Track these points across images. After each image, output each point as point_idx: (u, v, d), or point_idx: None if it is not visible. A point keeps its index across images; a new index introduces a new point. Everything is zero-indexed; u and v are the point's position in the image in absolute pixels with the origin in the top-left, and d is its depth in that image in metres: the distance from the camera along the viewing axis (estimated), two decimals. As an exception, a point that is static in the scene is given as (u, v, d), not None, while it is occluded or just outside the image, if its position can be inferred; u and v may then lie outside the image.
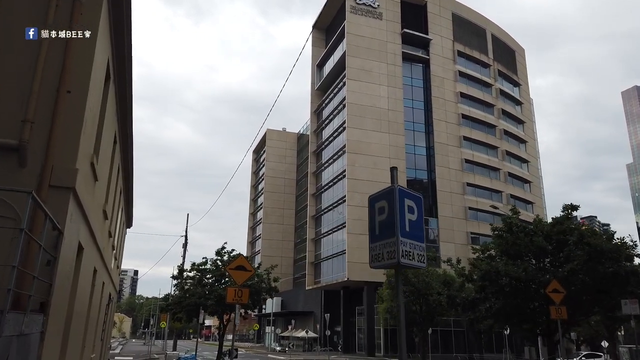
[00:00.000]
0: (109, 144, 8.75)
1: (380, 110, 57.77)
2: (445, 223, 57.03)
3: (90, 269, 8.48)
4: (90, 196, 6.87)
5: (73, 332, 7.05)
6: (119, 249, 17.43)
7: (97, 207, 8.13)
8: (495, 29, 72.00)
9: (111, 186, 10.26)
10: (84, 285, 7.78)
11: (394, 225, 3.93)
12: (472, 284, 18.62)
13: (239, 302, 10.02)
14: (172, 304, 25.69)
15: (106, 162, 8.70)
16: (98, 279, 10.22)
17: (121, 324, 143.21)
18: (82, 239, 6.71)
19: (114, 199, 11.80)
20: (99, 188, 8.03)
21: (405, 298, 27.87)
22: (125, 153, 12.18)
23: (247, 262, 10.57)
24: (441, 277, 28.26)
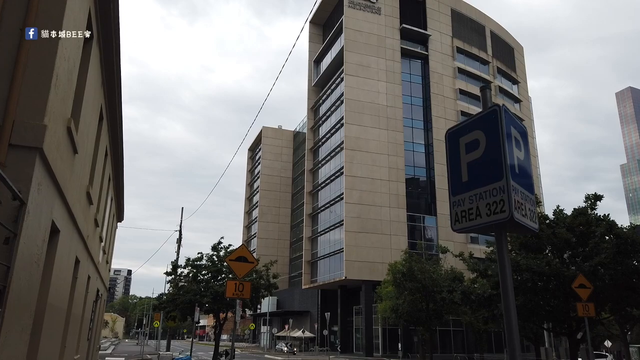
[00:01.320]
0: (92, 116, 7.71)
1: (378, 106, 56.84)
2: (445, 221, 56.10)
3: (71, 258, 7.43)
4: (67, 169, 5.84)
5: (47, 329, 6.00)
6: (109, 242, 16.34)
7: (79, 186, 7.08)
8: (494, 26, 71.29)
9: (97, 167, 9.20)
10: (62, 275, 6.73)
11: (498, 165, 2.74)
12: (487, 279, 17.61)
13: (240, 297, 9.02)
14: (165, 302, 24.45)
15: (89, 136, 7.66)
16: (82, 270, 9.16)
17: (114, 324, 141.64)
18: (58, 219, 5.67)
19: (101, 183, 10.74)
20: (81, 164, 6.99)
21: (410, 295, 26.88)
22: (114, 135, 11.13)
23: (249, 252, 9.55)
24: (450, 274, 27.16)
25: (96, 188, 9.62)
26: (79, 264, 8.62)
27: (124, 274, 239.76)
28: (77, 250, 7.92)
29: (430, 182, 58.60)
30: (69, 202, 6.16)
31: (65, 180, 5.75)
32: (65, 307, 7.54)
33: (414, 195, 57.49)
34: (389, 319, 43.91)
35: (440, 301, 26.32)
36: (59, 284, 6.44)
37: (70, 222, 6.67)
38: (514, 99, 71.42)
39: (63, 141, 5.36)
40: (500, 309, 16.01)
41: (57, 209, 5.58)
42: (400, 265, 30.63)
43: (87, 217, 8.74)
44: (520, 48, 76.44)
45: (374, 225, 52.70)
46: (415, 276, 26.68)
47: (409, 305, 27.41)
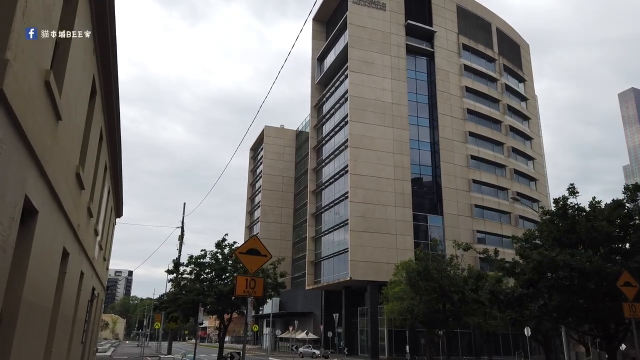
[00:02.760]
0: (82, 83, 6.63)
1: (383, 103, 55.78)
2: (451, 221, 55.07)
3: (55, 248, 6.34)
4: (46, 134, 4.77)
5: (23, 331, 4.92)
6: (107, 237, 15.26)
7: (65, 163, 6.00)
8: (500, 23, 70.23)
9: (90, 149, 8.13)
10: (44, 267, 5.65)
11: None
12: (515, 278, 16.43)
13: (251, 295, 7.94)
14: (166, 302, 23.19)
15: (78, 106, 6.58)
16: (72, 265, 8.08)
17: (114, 325, 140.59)
18: (34, 195, 4.59)
19: (95, 169, 9.66)
20: (67, 136, 5.91)
21: (427, 296, 25.64)
22: (110, 117, 10.06)
23: (261, 244, 8.47)
24: (473, 272, 25.86)
25: (89, 172, 8.54)
26: (69, 257, 7.54)
27: (124, 275, 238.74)
28: (64, 239, 6.84)
29: (436, 181, 57.50)
30: (50, 178, 5.09)
31: (44, 148, 4.68)
32: (49, 305, 6.45)
33: (419, 194, 56.40)
34: (395, 320, 42.77)
35: (457, 302, 25.02)
36: (38, 278, 5.35)
37: (53, 203, 5.59)
38: (521, 97, 70.32)
39: (38, 96, 4.29)
40: (532, 309, 14.88)
41: (33, 183, 4.50)
42: (413, 264, 29.46)
43: (78, 204, 7.66)
44: (526, 46, 75.36)
45: (379, 224, 51.59)
46: (432, 275, 25.42)
47: (425, 306, 26.15)
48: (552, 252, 14.17)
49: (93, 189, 9.57)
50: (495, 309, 17.71)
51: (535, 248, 15.65)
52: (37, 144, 4.33)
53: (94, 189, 9.71)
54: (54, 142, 5.18)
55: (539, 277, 14.80)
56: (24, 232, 4.73)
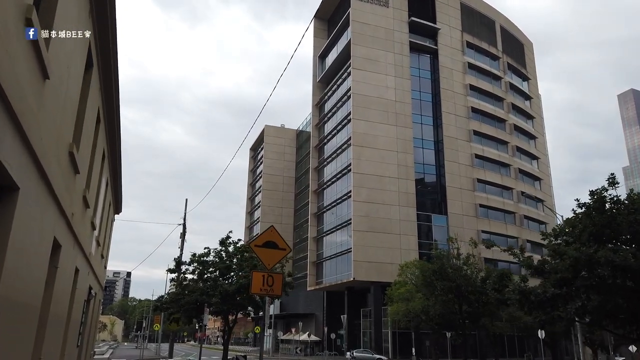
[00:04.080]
0: (75, 43, 5.71)
1: (387, 101, 54.91)
2: (456, 220, 54.16)
3: (45, 238, 5.42)
4: (28, 89, 3.86)
5: (2, 330, 4.01)
6: (105, 233, 14.31)
7: (55, 135, 5.09)
8: (504, 21, 69.44)
9: (85, 128, 7.21)
10: (29, 260, 4.73)
11: None
12: (544, 277, 15.41)
13: (268, 294, 7.04)
14: (167, 303, 22.12)
15: (72, 71, 5.66)
16: (66, 259, 7.15)
17: (113, 327, 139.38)
18: (13, 166, 3.67)
19: (92, 154, 8.74)
20: (56, 99, 5.00)
21: (443, 296, 24.60)
22: (108, 97, 9.13)
23: (279, 236, 7.57)
24: (497, 271, 24.77)
25: (85, 155, 7.61)
26: (61, 250, 6.61)
27: (123, 276, 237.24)
28: (55, 228, 5.91)
29: (440, 180, 56.62)
30: (35, 149, 4.17)
31: (25, 107, 3.77)
32: (37, 303, 5.52)
33: (423, 193, 55.52)
34: (400, 322, 41.86)
35: (475, 302, 23.95)
36: (20, 269, 4.43)
37: (39, 181, 4.67)
38: (525, 96, 69.52)
39: (17, 36, 3.38)
40: (568, 311, 13.83)
41: (10, 148, 3.58)
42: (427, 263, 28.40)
43: (72, 190, 6.74)
44: (530, 44, 74.56)
45: (382, 224, 50.69)
46: (448, 274, 24.39)
47: (442, 307, 25.12)
48: (590, 249, 13.18)
49: (90, 176, 8.64)
50: (525, 310, 16.66)
51: (567, 244, 14.69)
52: (14, 97, 3.41)
53: (91, 176, 8.78)
54: (40, 104, 4.26)
55: (573, 276, 13.82)
56: (1, 209, 3.81)
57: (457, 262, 25.74)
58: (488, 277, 24.44)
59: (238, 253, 21.61)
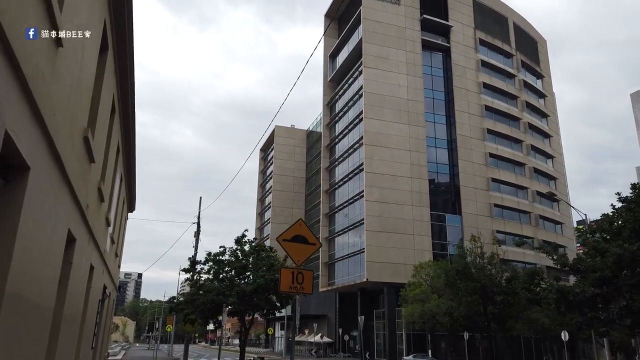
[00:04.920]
0: (89, 17, 5.21)
1: (399, 100, 54.22)
2: (470, 221, 53.26)
3: (59, 230, 4.92)
4: (40, 51, 3.35)
5: (8, 333, 3.50)
6: (119, 231, 13.87)
7: (68, 111, 4.59)
8: (517, 18, 68.44)
9: (100, 112, 6.71)
10: (41, 252, 4.22)
11: None
12: (581, 275, 14.65)
13: (298, 292, 6.51)
14: (182, 303, 21.58)
15: (87, 46, 5.16)
16: (80, 255, 6.65)
17: (124, 328, 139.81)
18: (21, 137, 3.17)
19: (107, 144, 8.25)
20: (69, 72, 4.50)
21: (467, 297, 23.83)
22: (122, 81, 8.64)
23: (309, 230, 7.02)
24: (527, 270, 23.86)
25: (99, 144, 7.12)
26: (75, 245, 6.11)
27: (134, 277, 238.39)
28: (69, 220, 5.41)
29: (454, 180, 55.79)
30: (48, 125, 3.66)
31: (36, 70, 3.26)
32: (50, 303, 5.02)
33: (437, 193, 54.74)
34: (415, 324, 41.14)
35: (500, 303, 23.03)
36: (31, 263, 3.92)
37: (52, 164, 4.16)
38: (539, 94, 68.45)
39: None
40: (611, 311, 13.05)
41: (17, 115, 3.07)
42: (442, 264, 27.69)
43: (87, 179, 6.25)
44: (543, 42, 73.45)
45: (395, 224, 49.98)
46: (471, 274, 23.61)
47: (466, 308, 24.31)
48: (633, 246, 12.40)
49: (105, 168, 8.16)
50: (562, 311, 15.84)
51: (606, 241, 13.93)
52: (22, 55, 2.90)
53: (106, 167, 8.30)
54: (52, 72, 3.75)
55: (614, 275, 13.06)
56: (7, 195, 3.30)
57: (481, 262, 25.00)
58: (514, 277, 23.61)
59: (254, 252, 21.10)
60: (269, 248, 21.90)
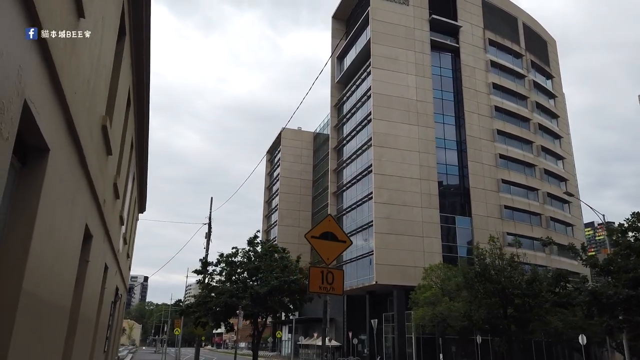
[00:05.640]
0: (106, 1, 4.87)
1: (408, 100, 53.75)
2: (480, 222, 52.64)
3: (78, 225, 4.56)
4: (64, 25, 2.97)
5: (24, 335, 3.12)
6: (130, 232, 13.52)
7: (87, 95, 4.22)
8: (526, 18, 67.85)
9: (117, 103, 6.36)
10: (61, 249, 3.85)
11: None
12: (612, 277, 14.11)
13: (329, 292, 6.12)
14: (194, 306, 21.10)
15: (106, 30, 4.81)
16: (96, 253, 6.29)
17: (131, 331, 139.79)
18: (42, 115, 2.79)
19: (123, 137, 7.89)
20: (91, 54, 4.14)
21: (487, 299, 23.26)
22: (139, 76, 8.31)
23: (338, 227, 6.64)
24: (555, 272, 23.09)
25: (116, 136, 6.76)
26: (92, 242, 5.75)
27: (140, 280, 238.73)
28: (87, 213, 5.04)
29: (464, 181, 55.19)
30: (67, 101, 3.29)
31: (57, 38, 2.87)
32: (67, 304, 4.65)
33: (446, 194, 54.17)
34: (425, 327, 40.58)
35: (521, 306, 22.39)
36: (49, 259, 3.54)
37: (71, 148, 3.79)
38: (549, 95, 67.76)
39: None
40: None
41: (37, 86, 2.69)
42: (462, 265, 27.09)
43: (104, 171, 5.89)
44: (553, 42, 72.78)
45: (405, 226, 49.43)
46: (490, 276, 23.04)
47: (486, 311, 23.71)
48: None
49: (120, 163, 7.80)
50: (594, 313, 15.27)
51: (638, 240, 13.41)
52: (45, 17, 2.52)
53: (121, 162, 7.94)
54: (73, 46, 3.37)
55: None
56: (25, 180, 2.93)
57: (501, 263, 24.45)
58: (535, 279, 23.02)
59: (267, 253, 20.69)
60: (282, 249, 21.52)
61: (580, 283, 15.93)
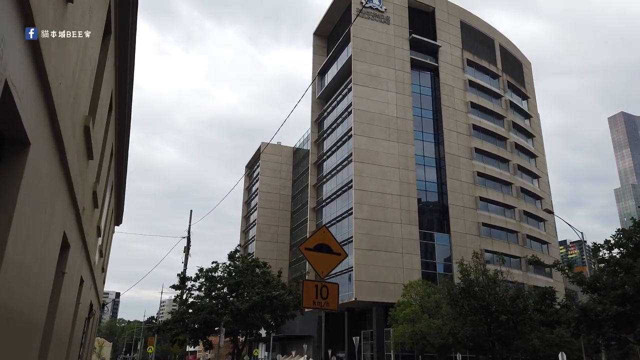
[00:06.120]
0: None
1: (388, 117, 54.14)
2: (458, 239, 52.94)
3: (56, 232, 4.17)
4: (52, 7, 2.66)
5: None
6: (106, 243, 12.93)
7: (71, 90, 3.89)
8: (503, 40, 69.57)
9: (100, 106, 6.00)
10: (38, 256, 3.48)
11: None
12: (598, 293, 13.98)
13: (323, 307, 5.81)
14: (171, 322, 20.21)
15: (93, 26, 4.49)
16: (73, 267, 5.85)
17: (101, 349, 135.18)
18: (24, 102, 2.46)
19: (104, 143, 7.49)
20: (77, 46, 3.81)
21: (472, 316, 23.00)
22: (122, 81, 7.94)
23: (333, 238, 6.35)
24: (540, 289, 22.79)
25: (98, 139, 6.37)
26: (69, 252, 5.33)
27: (112, 296, 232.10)
28: (65, 220, 4.65)
29: (442, 198, 55.58)
30: (54, 98, 2.96)
31: (44, 17, 2.56)
32: (41, 319, 4.23)
33: (425, 211, 54.39)
34: (405, 345, 40.21)
35: (506, 323, 22.16)
36: (24, 267, 3.17)
37: (52, 145, 3.45)
38: (524, 115, 69.27)
39: None
40: (638, 333, 12.44)
41: (19, 66, 2.37)
42: (428, 284, 27.01)
43: (84, 176, 5.50)
44: (528, 64, 74.75)
45: (385, 242, 49.33)
46: (476, 293, 22.84)
47: (471, 328, 23.42)
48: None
49: (100, 169, 7.39)
50: (582, 331, 15.13)
51: (624, 257, 13.43)
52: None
53: (101, 169, 7.53)
54: (59, 32, 3.06)
55: (638, 292, 12.45)
56: (2, 173, 2.59)
57: (485, 279, 24.38)
58: (519, 296, 22.98)
59: (249, 268, 20.13)
60: (264, 264, 21.01)
61: (567, 300, 15.90)
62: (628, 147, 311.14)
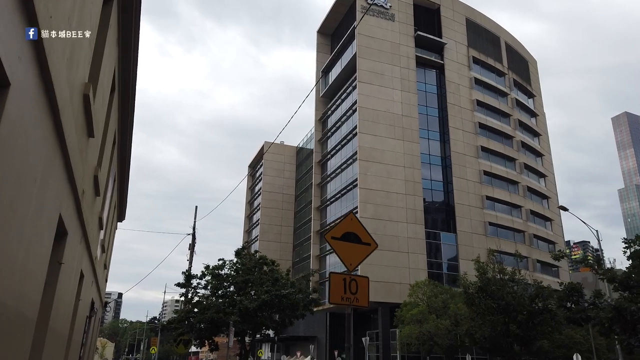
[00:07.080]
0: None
1: (393, 115, 53.46)
2: (465, 239, 52.24)
3: (50, 212, 3.56)
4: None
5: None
6: (109, 239, 12.32)
7: (69, 45, 3.27)
8: (509, 38, 68.84)
9: (102, 78, 5.38)
10: (26, 237, 2.84)
11: None
12: (630, 292, 13.34)
13: (352, 304, 5.20)
14: (175, 321, 19.51)
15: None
16: (71, 257, 5.23)
17: (104, 350, 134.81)
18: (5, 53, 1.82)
19: (106, 125, 6.88)
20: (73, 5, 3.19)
21: (490, 316, 22.26)
22: (125, 60, 7.33)
23: (362, 227, 5.73)
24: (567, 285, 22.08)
25: (99, 115, 5.75)
26: (66, 240, 4.71)
27: (114, 297, 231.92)
28: (61, 203, 4.03)
29: (448, 197, 54.88)
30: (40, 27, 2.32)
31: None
32: (33, 314, 3.60)
33: (431, 210, 53.70)
34: (411, 345, 39.54)
35: (525, 323, 21.38)
36: (9, 253, 2.54)
37: (42, 93, 2.83)
38: (531, 113, 68.51)
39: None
40: None
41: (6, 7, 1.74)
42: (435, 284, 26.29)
43: (84, 154, 4.88)
44: (534, 62, 73.98)
45: (390, 242, 48.62)
46: (493, 292, 22.11)
47: (490, 328, 22.64)
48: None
49: (102, 153, 6.77)
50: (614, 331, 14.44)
51: None
52: None
53: (103, 153, 6.91)
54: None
55: None
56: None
57: (503, 278, 23.67)
58: (539, 294, 22.24)
59: (257, 265, 19.46)
60: (272, 261, 20.34)
61: (594, 298, 15.24)
62: (632, 147, 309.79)
